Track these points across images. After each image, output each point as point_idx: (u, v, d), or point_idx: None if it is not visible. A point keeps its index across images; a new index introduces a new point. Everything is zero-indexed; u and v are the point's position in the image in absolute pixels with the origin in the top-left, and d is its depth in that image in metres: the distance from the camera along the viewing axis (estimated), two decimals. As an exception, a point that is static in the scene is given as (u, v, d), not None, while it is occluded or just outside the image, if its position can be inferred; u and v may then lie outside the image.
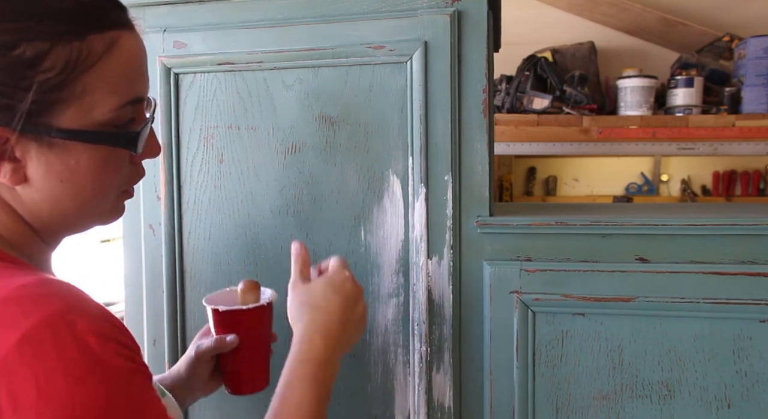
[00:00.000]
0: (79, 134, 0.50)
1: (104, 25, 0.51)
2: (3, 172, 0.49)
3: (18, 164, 0.50)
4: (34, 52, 0.47)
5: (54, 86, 0.48)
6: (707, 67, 2.24)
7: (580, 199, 2.61)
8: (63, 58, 0.48)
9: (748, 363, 0.76)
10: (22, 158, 0.50)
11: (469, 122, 0.81)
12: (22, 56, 0.46)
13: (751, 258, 0.76)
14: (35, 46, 0.47)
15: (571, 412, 0.81)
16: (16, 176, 0.50)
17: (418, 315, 0.82)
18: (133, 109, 0.54)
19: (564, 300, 0.78)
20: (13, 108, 0.47)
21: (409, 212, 0.82)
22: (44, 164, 0.50)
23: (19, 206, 0.53)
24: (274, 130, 0.85)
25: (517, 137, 2.14)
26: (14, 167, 0.50)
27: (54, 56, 0.47)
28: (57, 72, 0.48)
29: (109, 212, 0.58)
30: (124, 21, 0.53)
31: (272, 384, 0.71)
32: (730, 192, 2.50)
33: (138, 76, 0.55)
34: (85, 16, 0.50)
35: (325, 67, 0.83)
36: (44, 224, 0.54)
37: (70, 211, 0.54)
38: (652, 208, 1.09)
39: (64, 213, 0.54)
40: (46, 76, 0.47)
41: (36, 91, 0.47)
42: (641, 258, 0.78)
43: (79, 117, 0.50)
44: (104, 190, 0.55)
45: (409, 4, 0.80)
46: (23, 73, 0.47)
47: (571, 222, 0.79)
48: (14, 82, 0.47)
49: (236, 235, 0.88)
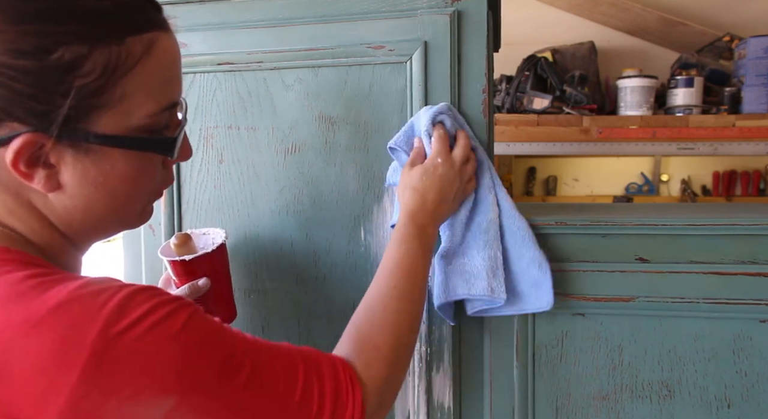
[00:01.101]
0: (117, 140, 0.49)
1: (142, 26, 0.49)
2: (37, 178, 0.48)
3: (52, 170, 0.48)
4: (72, 57, 0.45)
5: (92, 91, 0.46)
6: (707, 67, 2.24)
7: (580, 199, 2.61)
8: (102, 62, 0.46)
9: (748, 363, 0.76)
10: (57, 164, 0.48)
11: (469, 122, 0.81)
12: (60, 60, 0.45)
13: (751, 258, 0.76)
14: (73, 49, 0.45)
15: (571, 412, 0.81)
16: (50, 183, 0.49)
17: (418, 315, 0.82)
18: (169, 113, 0.53)
19: (564, 300, 0.78)
20: (50, 114, 0.45)
21: (409, 212, 0.82)
22: (80, 171, 0.49)
23: (50, 213, 0.51)
24: (274, 130, 0.85)
25: (517, 137, 2.14)
26: (48, 174, 0.48)
27: (93, 60, 0.46)
28: (95, 76, 0.46)
29: (139, 216, 0.58)
30: (161, 21, 0.51)
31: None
32: (730, 192, 2.50)
33: (174, 79, 0.54)
34: (123, 17, 0.48)
35: (325, 67, 0.83)
36: (76, 230, 0.53)
37: (103, 217, 0.53)
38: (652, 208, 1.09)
39: (96, 219, 0.53)
40: (84, 81, 0.46)
41: (74, 97, 0.45)
42: (641, 258, 0.78)
43: (116, 122, 0.48)
44: (138, 195, 0.54)
45: (409, 4, 0.80)
46: (61, 78, 0.45)
47: (571, 222, 0.79)
48: (52, 87, 0.45)
49: (236, 235, 0.88)
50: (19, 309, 0.43)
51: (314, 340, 0.87)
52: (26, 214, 0.51)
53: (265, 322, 0.88)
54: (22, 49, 0.44)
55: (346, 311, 0.85)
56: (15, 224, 0.51)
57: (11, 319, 0.42)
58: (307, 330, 0.87)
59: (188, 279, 0.76)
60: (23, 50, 0.44)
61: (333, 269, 0.85)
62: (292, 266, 0.86)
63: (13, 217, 0.51)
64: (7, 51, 0.43)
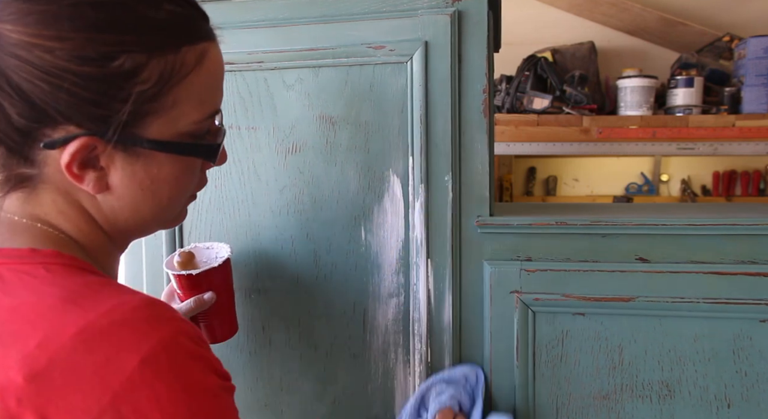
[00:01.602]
0: (167, 145, 0.51)
1: (196, 37, 0.51)
2: (87, 180, 0.50)
3: (102, 172, 0.50)
4: (132, 64, 0.47)
5: (148, 98, 0.49)
6: (707, 67, 2.24)
7: (580, 199, 2.61)
8: (158, 70, 0.48)
9: (748, 363, 0.76)
10: (107, 166, 0.50)
11: (469, 122, 0.81)
12: (121, 68, 0.47)
13: (751, 258, 0.76)
14: (134, 58, 0.47)
15: (571, 412, 0.81)
16: (99, 185, 0.51)
17: (418, 315, 0.82)
18: (212, 120, 0.56)
19: (564, 300, 0.78)
20: (108, 119, 0.47)
21: (409, 212, 0.82)
22: (128, 173, 0.51)
23: (96, 213, 0.53)
24: (274, 130, 0.85)
25: (517, 137, 2.14)
26: (98, 176, 0.50)
27: (150, 68, 0.48)
28: (152, 84, 0.48)
29: (176, 217, 0.61)
30: (211, 32, 0.54)
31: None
32: (730, 192, 2.50)
33: (219, 88, 0.56)
34: (178, 28, 0.50)
35: (325, 67, 0.83)
36: (119, 230, 0.55)
37: (146, 217, 0.55)
38: (652, 208, 1.09)
39: (140, 219, 0.55)
40: (142, 87, 0.48)
41: (132, 103, 0.48)
42: (641, 258, 0.78)
43: (166, 128, 0.51)
44: (179, 197, 0.57)
45: (409, 4, 0.80)
46: (121, 85, 0.47)
47: (571, 222, 0.79)
48: (112, 93, 0.47)
49: (236, 235, 0.88)
50: (74, 319, 0.44)
51: (314, 340, 0.87)
52: (75, 214, 0.53)
53: (265, 322, 0.88)
54: (87, 56, 0.45)
55: (346, 311, 0.85)
56: (64, 225, 0.52)
57: (65, 329, 0.43)
58: (307, 330, 0.87)
59: (192, 293, 0.76)
60: (88, 57, 0.45)
61: (333, 269, 0.85)
62: (292, 266, 0.87)
63: (63, 217, 0.52)
64: (72, 57, 0.45)
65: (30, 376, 0.42)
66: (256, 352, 0.89)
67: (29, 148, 0.49)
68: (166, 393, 0.44)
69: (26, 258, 0.49)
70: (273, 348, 0.87)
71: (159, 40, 0.49)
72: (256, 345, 0.89)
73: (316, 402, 0.87)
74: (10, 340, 0.44)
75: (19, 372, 0.42)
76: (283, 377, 0.88)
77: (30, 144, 0.48)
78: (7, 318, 0.45)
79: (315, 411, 0.87)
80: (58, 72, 0.45)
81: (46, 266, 0.48)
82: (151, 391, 0.43)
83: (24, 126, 0.47)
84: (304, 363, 0.87)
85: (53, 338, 0.43)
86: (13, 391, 0.42)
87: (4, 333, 0.44)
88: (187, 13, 0.51)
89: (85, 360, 0.43)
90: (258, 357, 0.88)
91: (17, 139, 0.48)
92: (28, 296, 0.46)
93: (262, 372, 0.88)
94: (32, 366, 0.42)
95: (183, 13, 0.51)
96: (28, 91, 0.45)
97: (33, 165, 0.50)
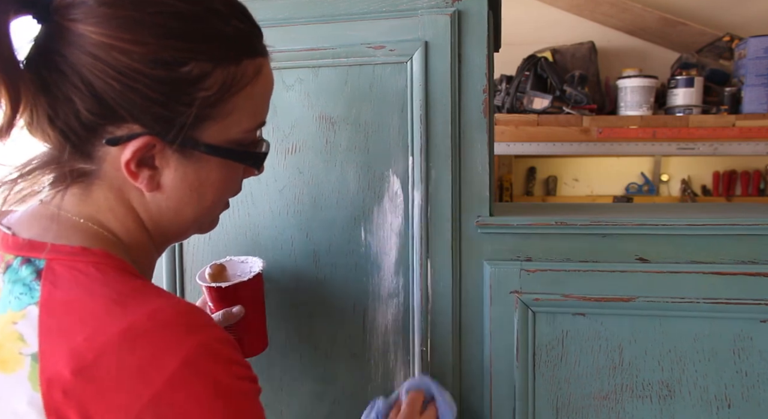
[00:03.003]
0: (221, 151, 0.54)
1: (255, 52, 0.55)
2: (142, 177, 0.52)
3: (155, 171, 0.53)
4: (199, 72, 0.50)
5: (209, 104, 0.51)
6: (707, 67, 2.24)
7: (580, 199, 2.61)
8: (221, 79, 0.51)
9: (749, 363, 0.76)
10: (161, 166, 0.53)
11: (469, 122, 0.81)
12: (189, 74, 0.49)
13: (751, 258, 0.76)
14: (201, 66, 0.50)
15: (571, 412, 0.81)
16: (151, 183, 0.53)
17: (418, 315, 0.82)
18: (258, 131, 0.59)
19: (564, 300, 0.78)
20: (171, 120, 0.50)
21: (409, 212, 0.82)
22: (180, 174, 0.53)
23: (143, 212, 0.55)
24: (274, 130, 0.85)
25: (517, 137, 2.14)
26: (151, 174, 0.52)
27: (214, 77, 0.51)
28: (214, 91, 0.51)
29: (212, 222, 0.63)
30: (266, 49, 0.57)
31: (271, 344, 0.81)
32: (730, 192, 2.50)
33: (268, 102, 0.60)
34: (242, 42, 0.54)
35: (325, 68, 0.83)
36: (162, 230, 0.57)
37: (189, 219, 0.57)
38: (652, 208, 1.09)
39: (183, 221, 0.57)
40: (205, 94, 0.51)
41: (195, 107, 0.50)
42: (641, 258, 0.78)
43: (220, 134, 0.53)
44: (220, 201, 0.59)
45: (409, 4, 0.80)
46: (186, 90, 0.50)
47: (571, 222, 0.79)
48: (178, 96, 0.50)
49: (236, 235, 0.88)
50: (120, 318, 0.46)
51: (314, 340, 0.87)
52: (124, 212, 0.55)
53: (265, 322, 0.88)
54: (161, 60, 0.48)
55: (346, 311, 0.85)
56: (113, 223, 0.54)
57: (112, 327, 0.45)
58: (307, 330, 0.87)
59: (222, 306, 0.76)
60: (162, 61, 0.48)
61: (333, 269, 0.85)
62: (292, 266, 0.86)
63: (112, 215, 0.54)
64: (147, 61, 0.48)
65: (77, 370, 0.44)
66: (256, 352, 0.89)
67: (91, 144, 0.51)
68: (204, 394, 0.45)
69: (79, 256, 0.50)
70: (273, 348, 0.87)
71: (225, 52, 0.52)
72: (256, 345, 0.88)
73: (316, 402, 0.87)
74: (61, 334, 0.45)
75: (66, 365, 0.44)
76: (283, 377, 0.88)
77: (92, 140, 0.50)
78: (61, 311, 0.47)
79: (315, 411, 0.87)
80: (131, 73, 0.48)
81: (96, 265, 0.50)
82: (190, 392, 0.45)
83: (90, 122, 0.49)
84: (304, 363, 0.87)
85: (100, 335, 0.45)
86: (61, 384, 0.44)
87: (57, 327, 0.46)
88: (250, 29, 0.55)
89: (129, 357, 0.44)
90: (258, 357, 0.88)
91: (82, 134, 0.50)
92: (80, 293, 0.48)
93: (262, 372, 0.88)
94: (79, 361, 0.44)
95: (246, 29, 0.54)
96: (100, 89, 0.48)
97: (92, 161, 0.52)
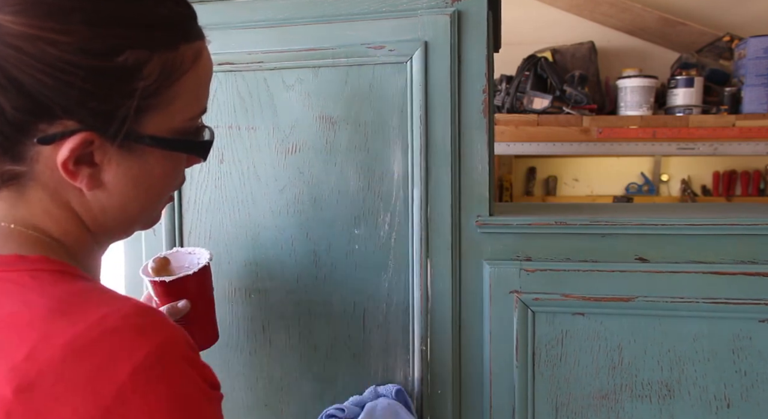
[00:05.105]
0: (165, 142, 0.51)
1: (192, 35, 0.52)
2: (81, 177, 0.49)
3: (96, 168, 0.49)
4: (135, 60, 0.47)
5: (149, 94, 0.48)
6: (707, 67, 2.24)
7: (580, 199, 2.61)
8: (159, 67, 0.48)
9: (748, 363, 0.76)
10: (101, 162, 0.49)
11: (469, 122, 0.81)
12: (125, 63, 0.46)
13: (751, 258, 0.76)
14: (137, 53, 0.47)
15: (571, 412, 0.81)
16: (92, 181, 0.49)
17: (417, 314, 0.82)
18: (200, 118, 0.56)
19: (564, 300, 0.78)
20: (110, 114, 0.47)
21: (409, 212, 0.82)
22: (123, 169, 0.50)
23: (84, 212, 0.52)
24: (274, 130, 0.85)
25: (517, 137, 2.14)
26: (92, 172, 0.49)
27: (152, 65, 0.48)
28: (153, 80, 0.48)
29: (156, 217, 0.60)
30: (202, 32, 0.54)
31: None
32: (730, 192, 2.50)
33: (208, 87, 0.57)
34: (178, 25, 0.50)
35: (325, 68, 0.83)
36: (105, 229, 0.54)
37: (133, 215, 0.54)
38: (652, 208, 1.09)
39: (128, 217, 0.54)
40: (145, 83, 0.48)
41: (135, 99, 0.47)
42: (641, 258, 0.79)
43: (162, 124, 0.50)
44: (164, 194, 0.57)
45: (409, 4, 0.80)
46: (126, 80, 0.47)
47: (571, 222, 0.79)
48: (117, 88, 0.47)
49: (236, 235, 0.88)
50: (63, 329, 0.42)
51: (314, 340, 0.87)
52: (62, 214, 0.51)
53: (265, 322, 0.88)
54: (94, 49, 0.45)
55: (346, 311, 0.85)
56: (50, 226, 0.51)
57: (54, 340, 0.42)
58: (307, 330, 0.87)
59: (167, 300, 0.74)
60: (95, 51, 0.45)
61: (333, 269, 0.85)
62: (292, 266, 0.87)
63: (49, 218, 0.51)
64: (78, 51, 0.44)
65: (19, 389, 0.40)
66: (256, 352, 0.89)
67: (21, 144, 0.47)
68: (158, 403, 0.42)
69: (12, 266, 0.47)
70: (273, 348, 0.87)
71: (161, 37, 0.49)
72: (256, 344, 0.89)
73: (316, 402, 0.87)
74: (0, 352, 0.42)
75: (7, 384, 0.40)
76: (283, 377, 0.88)
77: (22, 140, 0.46)
78: None
79: (315, 411, 0.87)
80: (61, 65, 0.44)
81: (31, 273, 0.46)
82: (144, 401, 0.41)
83: (18, 120, 0.45)
84: (304, 363, 0.88)
85: (42, 349, 0.41)
86: (3, 405, 0.40)
87: None
88: (185, 12, 0.52)
89: (75, 370, 0.41)
90: (258, 357, 0.88)
91: (9, 134, 0.46)
92: (14, 306, 0.44)
93: (262, 372, 0.88)
94: (21, 379, 0.40)
95: (182, 11, 0.51)
96: (27, 85, 0.44)
97: (22, 162, 0.48)
